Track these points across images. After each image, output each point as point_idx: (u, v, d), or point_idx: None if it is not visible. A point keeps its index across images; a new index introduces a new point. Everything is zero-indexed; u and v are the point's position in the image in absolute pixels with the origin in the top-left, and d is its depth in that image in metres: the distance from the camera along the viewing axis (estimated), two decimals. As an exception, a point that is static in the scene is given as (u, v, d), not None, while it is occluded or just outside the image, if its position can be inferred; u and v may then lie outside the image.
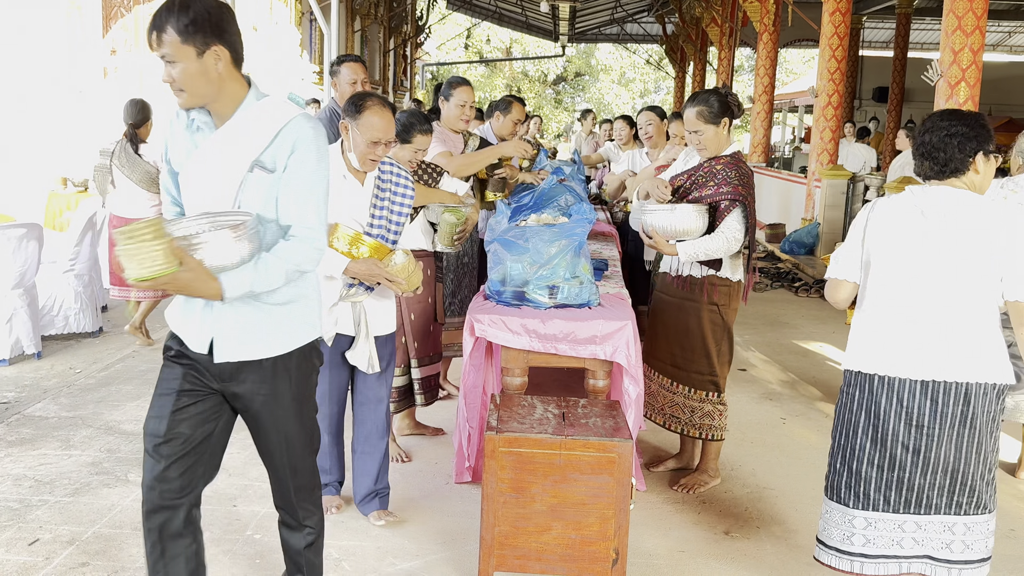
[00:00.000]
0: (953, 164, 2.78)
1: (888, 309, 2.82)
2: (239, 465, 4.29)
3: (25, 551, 3.41)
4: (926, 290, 2.76)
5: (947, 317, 2.74)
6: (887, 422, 2.81)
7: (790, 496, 4.25)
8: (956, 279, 2.74)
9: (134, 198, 6.30)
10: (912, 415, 2.78)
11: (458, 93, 4.93)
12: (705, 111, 4.00)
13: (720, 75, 19.40)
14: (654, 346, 4.25)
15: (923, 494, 2.83)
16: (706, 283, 4.06)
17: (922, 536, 2.86)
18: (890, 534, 2.87)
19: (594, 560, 3.17)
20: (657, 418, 4.29)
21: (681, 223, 3.91)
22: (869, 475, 2.87)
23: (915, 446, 2.79)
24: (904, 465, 2.81)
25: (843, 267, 2.97)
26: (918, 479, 2.81)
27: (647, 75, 41.68)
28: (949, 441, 2.77)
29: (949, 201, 2.77)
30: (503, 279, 3.77)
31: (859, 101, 22.53)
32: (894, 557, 2.88)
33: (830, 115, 11.92)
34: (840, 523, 2.93)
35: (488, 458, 3.15)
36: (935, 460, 2.79)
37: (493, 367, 4.27)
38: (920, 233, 2.78)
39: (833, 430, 3.02)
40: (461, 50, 38.09)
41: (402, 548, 3.56)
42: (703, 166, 4.09)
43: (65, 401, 5.14)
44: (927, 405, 2.77)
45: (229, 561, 3.39)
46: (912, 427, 2.79)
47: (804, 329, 7.98)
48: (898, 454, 2.81)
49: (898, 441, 2.80)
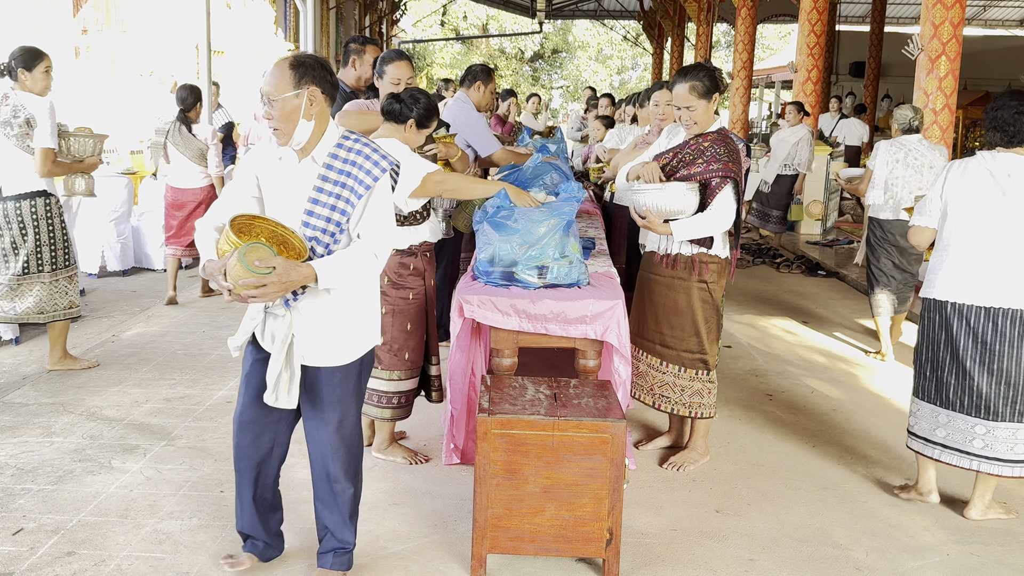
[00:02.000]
0: (1020, 136, 3.60)
1: (960, 250, 3.67)
2: (225, 451, 4.24)
3: (9, 541, 3.35)
4: (991, 235, 3.61)
5: (1007, 257, 3.59)
6: (958, 339, 3.68)
7: (780, 472, 4.25)
8: (1017, 227, 3.57)
9: (187, 171, 7.21)
10: (978, 334, 3.65)
11: (392, 69, 4.41)
12: (699, 86, 3.94)
13: (698, 51, 19.35)
14: (642, 326, 4.22)
15: (990, 402, 3.65)
16: (696, 261, 4.04)
17: (991, 439, 3.67)
18: (964, 433, 3.71)
19: (588, 540, 3.16)
20: (646, 398, 4.26)
21: (672, 202, 3.88)
22: (948, 381, 3.74)
23: (981, 359, 3.65)
24: (972, 375, 3.66)
25: (925, 216, 3.79)
26: (984, 388, 3.65)
27: (624, 52, 41.53)
28: (1009, 357, 3.61)
29: (1014, 164, 3.60)
30: (492, 259, 3.73)
31: (836, 76, 22.54)
32: (966, 453, 3.72)
33: (809, 90, 11.91)
34: (928, 418, 3.82)
35: (480, 440, 3.12)
36: (998, 372, 3.63)
37: (481, 348, 4.24)
38: (989, 190, 3.60)
39: (917, 345, 3.88)
40: (437, 27, 37.77)
41: (393, 531, 3.53)
42: (689, 143, 4.03)
43: (45, 387, 5.06)
44: (989, 327, 3.63)
45: (217, 547, 3.35)
46: (978, 344, 3.65)
47: (787, 305, 8.00)
48: (968, 366, 3.67)
49: (967, 355, 3.67)
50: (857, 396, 5.45)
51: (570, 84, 42.71)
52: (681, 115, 4.02)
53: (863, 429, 4.88)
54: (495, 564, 3.28)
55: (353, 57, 4.98)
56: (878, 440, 4.73)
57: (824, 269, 9.56)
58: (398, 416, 4.11)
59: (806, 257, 10.10)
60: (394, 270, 3.95)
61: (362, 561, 3.29)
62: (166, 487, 3.85)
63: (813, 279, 9.28)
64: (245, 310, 3.01)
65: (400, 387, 4.06)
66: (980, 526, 3.77)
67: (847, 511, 3.87)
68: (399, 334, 4.00)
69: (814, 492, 4.05)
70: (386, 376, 4.02)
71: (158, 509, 3.64)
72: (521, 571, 3.26)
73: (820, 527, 3.72)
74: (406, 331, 4.01)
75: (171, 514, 3.60)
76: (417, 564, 3.29)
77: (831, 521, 3.77)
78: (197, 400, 4.92)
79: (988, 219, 3.61)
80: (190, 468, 4.05)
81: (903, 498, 3.99)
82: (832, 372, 5.95)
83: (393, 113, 3.89)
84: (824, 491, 4.07)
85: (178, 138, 7.14)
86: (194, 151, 7.15)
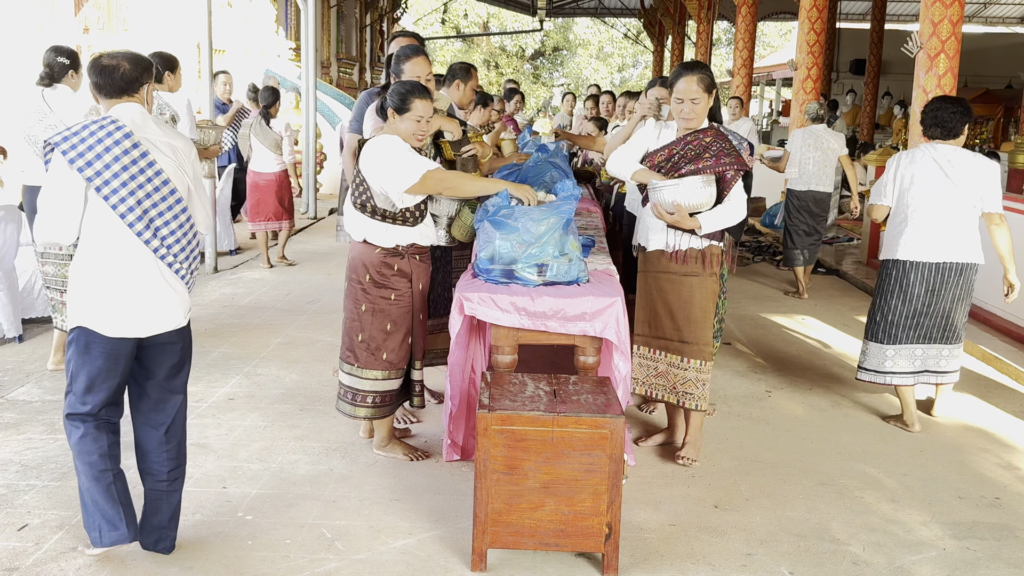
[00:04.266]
0: (956, 130, 4.64)
1: (914, 221, 4.66)
2: (228, 447, 4.28)
3: (15, 536, 3.39)
4: (938, 208, 4.61)
5: (948, 224, 4.61)
6: (912, 289, 4.69)
7: (778, 468, 4.28)
8: (955, 200, 4.60)
9: (265, 158, 8.62)
10: (929, 283, 4.66)
11: (410, 67, 4.36)
12: (705, 79, 3.97)
13: (699, 48, 19.35)
14: (656, 327, 4.18)
15: (928, 331, 4.75)
16: (707, 254, 4.04)
17: (924, 356, 4.79)
18: (907, 359, 4.78)
19: (587, 535, 3.20)
20: (670, 397, 4.20)
21: (695, 196, 3.87)
22: (898, 322, 4.76)
23: (929, 301, 4.69)
24: (920, 313, 4.72)
25: (882, 197, 4.82)
26: (927, 322, 4.74)
27: (625, 49, 41.51)
28: (952, 298, 4.68)
29: (952, 153, 4.64)
30: (492, 257, 3.76)
31: (836, 74, 22.53)
32: (909, 373, 4.80)
33: (809, 88, 11.90)
34: (876, 355, 4.83)
35: (481, 436, 3.15)
36: (938, 310, 4.70)
37: (481, 345, 4.27)
38: (935, 173, 4.62)
39: (875, 297, 4.86)
40: (438, 25, 37.76)
41: (395, 527, 3.56)
42: (687, 139, 4.01)
43: (48, 385, 5.09)
44: (938, 277, 4.65)
45: (220, 543, 3.38)
46: (928, 291, 4.67)
47: (786, 302, 8.02)
48: (917, 307, 4.71)
49: (919, 299, 4.69)
50: (856, 393, 5.47)
51: (571, 82, 42.68)
52: (684, 108, 3.99)
53: (861, 426, 4.91)
54: (495, 559, 3.32)
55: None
56: (876, 437, 4.76)
57: (824, 266, 9.59)
58: (374, 416, 4.07)
59: (806, 254, 10.12)
60: (376, 268, 3.92)
61: (363, 556, 3.32)
62: (169, 483, 3.87)
63: (813, 276, 9.30)
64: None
65: (377, 387, 4.02)
66: (976, 521, 3.80)
67: (845, 506, 3.90)
68: (377, 333, 3.96)
69: (812, 488, 4.08)
70: (360, 375, 4.00)
71: (161, 505, 3.67)
72: (521, 566, 3.29)
73: (818, 522, 3.75)
74: (385, 331, 3.97)
75: (174, 510, 3.63)
76: (418, 559, 3.33)
77: (829, 516, 3.80)
78: (199, 397, 4.95)
79: (935, 196, 4.62)
80: (193, 465, 4.06)
81: (893, 425, 4.92)
82: (831, 369, 5.98)
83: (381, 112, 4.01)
84: (822, 487, 4.10)
85: (259, 130, 8.54)
86: (271, 142, 8.53)
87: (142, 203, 3.02)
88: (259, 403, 4.90)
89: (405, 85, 3.92)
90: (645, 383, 4.26)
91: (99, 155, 2.97)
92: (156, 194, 3.05)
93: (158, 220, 3.06)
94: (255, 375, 5.39)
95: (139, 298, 3.08)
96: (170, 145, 3.15)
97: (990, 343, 6.46)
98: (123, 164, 2.99)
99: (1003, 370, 6.01)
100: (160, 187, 3.06)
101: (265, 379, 5.31)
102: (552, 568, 3.29)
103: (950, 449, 4.62)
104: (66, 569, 3.17)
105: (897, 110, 17.79)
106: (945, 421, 5.03)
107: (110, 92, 3.12)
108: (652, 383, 4.24)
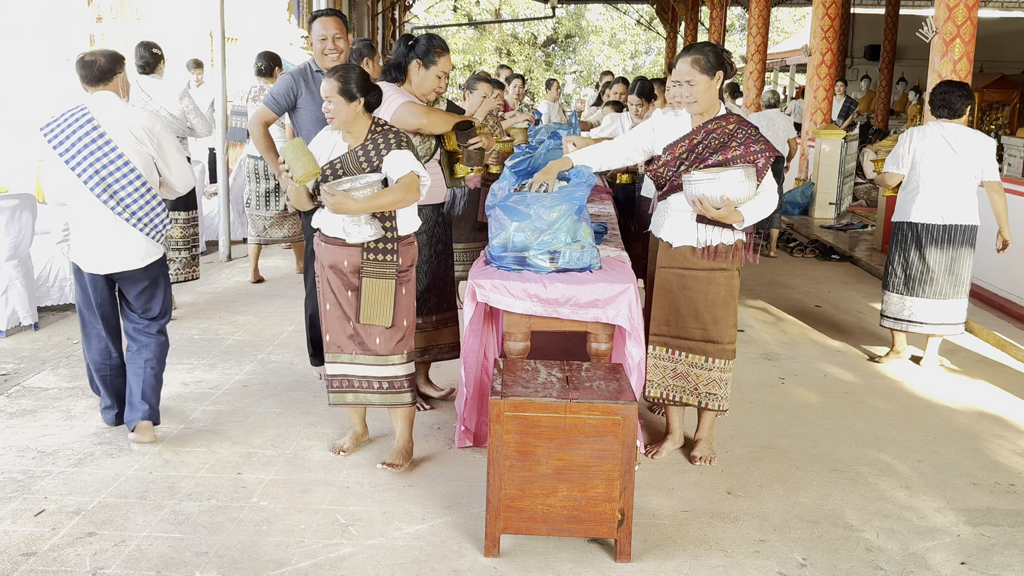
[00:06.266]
0: (960, 111, 5.42)
1: (925, 189, 5.42)
2: (242, 433, 4.30)
3: (31, 522, 3.42)
4: (945, 178, 5.37)
5: (956, 191, 5.37)
6: (925, 248, 5.46)
7: (792, 455, 4.28)
8: (960, 170, 5.35)
9: None
10: (938, 243, 5.42)
11: (443, 62, 4.33)
12: (702, 60, 3.75)
13: (712, 34, 19.25)
14: (678, 326, 3.99)
15: (940, 287, 5.49)
16: (735, 248, 3.88)
17: (940, 311, 5.53)
18: (924, 312, 5.55)
19: (600, 521, 3.20)
20: (690, 399, 4.04)
21: (741, 189, 3.65)
22: (913, 275, 5.52)
23: (938, 258, 5.44)
24: (932, 269, 5.46)
25: (896, 166, 5.52)
26: (938, 277, 5.47)
27: (638, 36, 41.31)
28: (959, 257, 5.44)
29: (957, 130, 5.39)
30: (504, 245, 3.76)
31: (851, 59, 22.40)
32: (927, 323, 5.57)
33: (823, 73, 11.87)
34: (897, 303, 5.63)
35: (493, 422, 3.16)
36: (946, 267, 5.45)
37: (494, 332, 4.27)
38: (943, 147, 5.35)
39: (890, 254, 5.65)
40: (450, 13, 37.66)
41: (408, 512, 3.58)
42: (708, 127, 3.81)
43: (64, 372, 5.13)
44: (946, 237, 5.43)
45: (235, 528, 3.41)
46: (939, 249, 5.43)
47: (800, 289, 8.00)
48: (930, 263, 5.46)
49: (931, 256, 5.45)
50: (870, 380, 5.46)
51: (583, 69, 42.53)
52: (681, 91, 3.79)
53: (875, 412, 4.90)
54: (508, 544, 3.33)
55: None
56: (889, 423, 4.74)
57: (838, 253, 9.55)
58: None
59: (820, 241, 10.08)
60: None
61: (377, 541, 3.34)
62: (184, 469, 3.91)
63: (827, 263, 9.27)
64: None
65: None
66: (991, 507, 3.79)
67: (858, 493, 3.90)
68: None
69: (825, 474, 4.08)
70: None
71: (177, 491, 3.70)
72: (534, 551, 3.30)
73: (831, 509, 3.74)
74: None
75: (189, 495, 3.66)
76: (432, 544, 3.34)
77: (842, 503, 3.80)
78: (214, 384, 4.98)
79: (943, 167, 5.35)
80: (208, 451, 4.11)
81: (886, 360, 5.77)
82: (845, 356, 5.96)
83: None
84: (835, 473, 4.09)
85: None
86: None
87: (99, 172, 3.91)
88: (273, 390, 4.92)
89: (434, 39, 4.25)
90: (661, 385, 4.06)
91: (67, 136, 3.91)
92: (111, 165, 3.92)
93: (115, 185, 3.93)
94: (269, 362, 5.41)
95: (102, 244, 4.01)
96: (129, 125, 3.97)
97: (1005, 329, 6.42)
98: (84, 143, 3.90)
99: (1018, 356, 5.98)
100: (115, 160, 3.92)
101: (279, 366, 5.34)
102: (565, 554, 3.30)
103: (964, 435, 4.60)
104: (82, 554, 3.20)
105: (912, 96, 17.63)
106: (959, 407, 5.01)
107: (90, 81, 4.03)
108: (670, 385, 4.05)
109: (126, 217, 3.97)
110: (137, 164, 3.97)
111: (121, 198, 3.94)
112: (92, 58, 4.02)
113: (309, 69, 4.76)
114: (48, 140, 3.91)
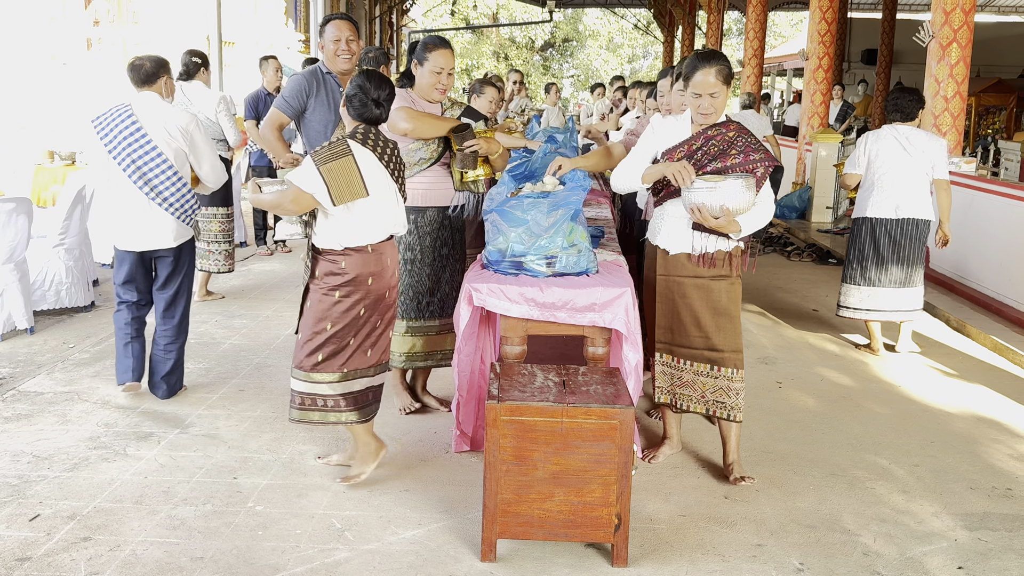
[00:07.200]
0: (913, 114, 5.88)
1: (880, 186, 5.85)
2: (238, 438, 4.29)
3: (26, 527, 3.40)
4: (899, 176, 5.80)
5: (908, 189, 5.79)
6: (880, 241, 5.87)
7: (789, 459, 4.27)
8: (912, 169, 5.78)
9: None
10: (892, 236, 5.86)
11: (434, 57, 4.25)
12: (724, 70, 3.68)
13: (709, 38, 19.28)
14: (680, 334, 3.93)
15: (895, 276, 5.88)
16: (734, 255, 3.84)
17: (897, 298, 5.93)
18: (881, 299, 5.95)
19: (597, 526, 3.19)
20: (697, 407, 3.96)
21: (741, 198, 3.60)
22: (869, 267, 5.92)
23: (893, 251, 5.87)
24: (887, 260, 5.88)
25: (855, 167, 5.97)
26: (893, 268, 5.87)
27: (635, 40, 41.39)
28: (911, 248, 5.86)
29: (911, 132, 5.82)
30: (501, 249, 3.75)
31: (848, 64, 22.42)
32: (884, 311, 5.97)
33: (820, 78, 11.89)
34: (855, 294, 6.00)
35: (490, 427, 3.15)
36: (901, 258, 5.86)
37: (490, 336, 4.26)
38: (897, 149, 5.79)
39: (849, 248, 6.04)
40: (447, 17, 37.71)
41: (404, 517, 3.57)
42: (708, 134, 3.78)
43: (60, 376, 5.12)
44: (899, 230, 5.85)
45: (231, 533, 3.40)
46: (892, 243, 5.86)
47: (798, 293, 8.00)
48: (885, 255, 5.88)
49: (885, 248, 5.87)
50: (867, 384, 5.46)
51: (581, 73, 42.58)
52: (702, 103, 3.72)
53: (872, 417, 4.90)
54: (505, 549, 3.32)
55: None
56: (887, 428, 4.74)
57: (835, 257, 9.55)
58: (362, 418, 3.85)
59: (817, 245, 10.08)
60: None
61: (373, 546, 3.33)
62: (180, 474, 3.90)
63: (824, 267, 9.28)
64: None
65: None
66: (988, 512, 3.78)
67: (855, 497, 3.89)
68: None
69: (822, 479, 4.07)
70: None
71: (172, 495, 3.69)
72: (531, 556, 3.29)
73: (829, 513, 3.74)
74: None
75: (185, 500, 3.65)
76: (428, 549, 3.33)
77: (839, 507, 3.79)
78: (210, 388, 4.97)
79: (897, 167, 5.79)
80: (203, 455, 4.09)
81: (863, 351, 6.13)
82: (842, 360, 5.96)
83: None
84: (832, 477, 4.09)
85: None
86: None
87: (135, 162, 4.46)
88: (269, 394, 4.91)
89: (426, 38, 4.40)
90: (669, 392, 4.02)
91: (111, 129, 4.48)
92: (146, 156, 4.46)
93: (150, 174, 4.49)
94: (265, 366, 5.40)
95: (138, 224, 4.55)
96: (164, 122, 4.51)
97: (1003, 334, 6.43)
98: (124, 136, 4.46)
99: (1015, 360, 5.98)
100: (150, 151, 4.47)
101: (275, 370, 5.33)
102: (561, 559, 3.29)
103: (961, 440, 4.60)
104: (77, 560, 3.19)
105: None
106: (957, 411, 5.01)
107: (137, 83, 4.60)
108: (678, 393, 3.99)
109: (159, 202, 4.51)
110: (170, 156, 4.50)
111: (155, 185, 4.49)
112: (140, 62, 4.59)
113: (320, 71, 4.77)
114: (96, 131, 4.48)
